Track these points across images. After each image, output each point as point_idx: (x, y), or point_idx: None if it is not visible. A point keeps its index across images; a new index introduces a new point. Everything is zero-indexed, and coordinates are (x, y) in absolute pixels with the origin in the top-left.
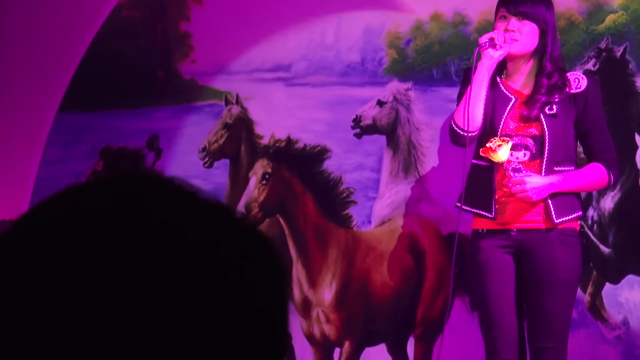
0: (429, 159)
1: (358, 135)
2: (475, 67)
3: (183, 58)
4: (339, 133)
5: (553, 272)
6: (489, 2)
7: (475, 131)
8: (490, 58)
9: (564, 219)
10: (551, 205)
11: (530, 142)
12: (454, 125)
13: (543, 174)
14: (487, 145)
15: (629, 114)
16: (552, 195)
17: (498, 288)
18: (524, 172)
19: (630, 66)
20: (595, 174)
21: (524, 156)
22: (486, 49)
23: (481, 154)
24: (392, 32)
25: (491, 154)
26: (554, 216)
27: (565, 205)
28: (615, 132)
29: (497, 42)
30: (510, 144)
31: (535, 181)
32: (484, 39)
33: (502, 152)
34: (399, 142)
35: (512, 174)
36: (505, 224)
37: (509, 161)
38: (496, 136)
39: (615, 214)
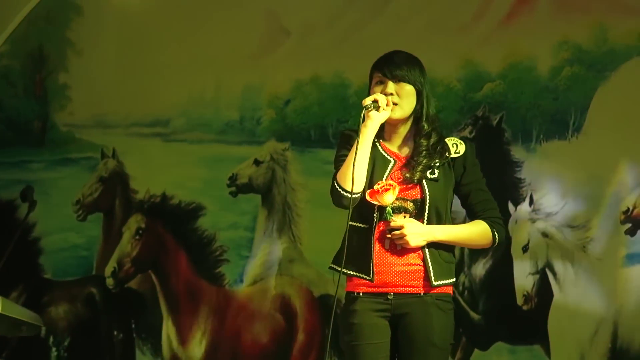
0: (304, 220)
1: (233, 194)
2: (360, 130)
3: (61, 110)
4: (215, 191)
5: (428, 337)
6: (369, 65)
7: (359, 193)
8: (374, 120)
9: (442, 283)
10: (430, 269)
11: (410, 205)
12: (337, 187)
13: None
14: (374, 187)
15: (503, 182)
16: (432, 259)
17: (372, 352)
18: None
19: (506, 135)
20: (477, 229)
21: (403, 218)
22: (370, 111)
23: (367, 197)
24: (271, 91)
25: (377, 197)
26: (432, 279)
27: (443, 269)
28: None
29: (380, 105)
30: (397, 189)
31: (415, 226)
32: (367, 101)
33: (387, 196)
34: (274, 202)
35: (393, 218)
36: (382, 287)
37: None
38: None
39: (486, 281)
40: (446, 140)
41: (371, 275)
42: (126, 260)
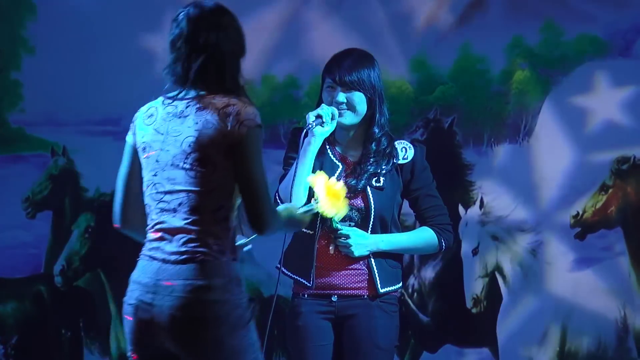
0: None
1: None
2: (303, 145)
3: (12, 107)
4: None
5: (372, 340)
6: (321, 66)
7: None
8: (317, 137)
9: (388, 289)
10: (377, 276)
11: (355, 213)
12: (278, 200)
13: None
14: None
15: (454, 185)
16: (378, 266)
17: (316, 354)
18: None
19: (457, 137)
20: (423, 237)
21: (349, 227)
22: (314, 128)
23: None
24: None
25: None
26: (378, 286)
27: (390, 275)
28: None
29: (324, 120)
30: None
31: (360, 237)
32: (311, 117)
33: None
34: None
35: (339, 226)
36: (326, 289)
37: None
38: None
39: (436, 284)
40: (395, 143)
41: (311, 282)
42: (75, 258)
